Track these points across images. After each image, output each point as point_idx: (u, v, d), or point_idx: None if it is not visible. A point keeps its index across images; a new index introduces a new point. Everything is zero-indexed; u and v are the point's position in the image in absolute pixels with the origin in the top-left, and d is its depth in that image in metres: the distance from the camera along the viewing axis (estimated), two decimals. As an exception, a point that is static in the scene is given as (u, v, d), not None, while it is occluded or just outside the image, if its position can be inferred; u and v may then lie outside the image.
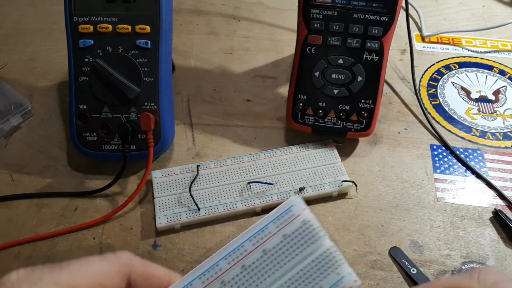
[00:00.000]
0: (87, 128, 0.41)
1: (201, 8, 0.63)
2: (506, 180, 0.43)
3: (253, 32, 0.59)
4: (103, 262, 0.22)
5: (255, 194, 0.40)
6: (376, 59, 0.42)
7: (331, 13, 0.41)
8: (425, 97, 0.51)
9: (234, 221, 0.40)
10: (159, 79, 0.41)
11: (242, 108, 0.50)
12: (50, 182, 0.43)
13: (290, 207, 0.23)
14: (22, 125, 0.48)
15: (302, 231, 0.22)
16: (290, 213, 0.23)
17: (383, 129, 0.48)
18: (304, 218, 0.22)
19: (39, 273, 0.21)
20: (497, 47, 0.58)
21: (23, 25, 0.60)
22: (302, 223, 0.22)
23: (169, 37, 0.43)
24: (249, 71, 0.54)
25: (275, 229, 0.22)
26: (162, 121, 0.41)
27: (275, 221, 0.23)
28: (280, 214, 0.23)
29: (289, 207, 0.23)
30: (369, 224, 0.40)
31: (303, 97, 0.44)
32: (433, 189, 0.43)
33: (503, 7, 0.64)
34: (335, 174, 0.42)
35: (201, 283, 0.22)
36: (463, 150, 0.46)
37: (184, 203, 0.40)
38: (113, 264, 0.22)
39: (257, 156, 0.43)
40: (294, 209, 0.23)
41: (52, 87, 0.52)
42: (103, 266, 0.22)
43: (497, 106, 0.51)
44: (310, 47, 0.43)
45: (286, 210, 0.23)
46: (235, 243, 0.23)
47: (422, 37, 0.59)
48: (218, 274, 0.22)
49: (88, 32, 0.41)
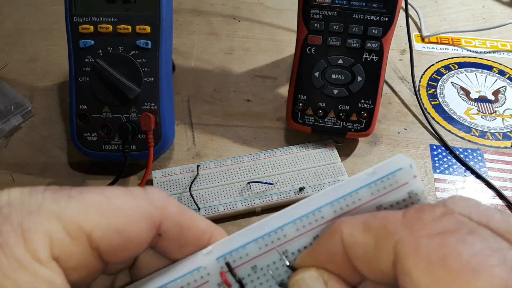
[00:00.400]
0: (87, 128, 0.41)
1: (201, 8, 0.63)
2: (506, 180, 0.43)
3: (253, 33, 0.59)
4: (127, 197, 0.17)
5: (255, 194, 0.40)
6: (375, 59, 0.42)
7: (331, 14, 0.41)
8: (424, 97, 0.52)
9: (234, 221, 0.40)
10: (159, 79, 0.41)
11: (242, 108, 0.50)
12: (50, 182, 0.43)
13: (395, 171, 0.17)
14: (22, 125, 0.48)
15: (404, 206, 0.16)
16: (394, 178, 0.17)
17: (383, 129, 0.48)
18: (412, 189, 0.16)
19: (39, 198, 0.15)
20: (497, 47, 0.58)
21: (23, 25, 0.60)
22: (408, 195, 0.16)
23: (169, 37, 0.43)
24: (249, 71, 0.54)
25: (368, 196, 0.17)
26: (163, 121, 0.41)
27: (371, 185, 0.17)
28: (380, 177, 0.17)
29: (394, 170, 0.17)
30: (368, 224, 0.40)
31: (303, 97, 0.44)
32: (433, 189, 0.43)
33: (502, 7, 0.64)
34: (335, 174, 0.42)
35: (257, 248, 0.17)
36: (462, 150, 0.46)
37: (184, 203, 0.40)
38: (140, 203, 0.17)
39: (257, 156, 0.43)
40: (400, 174, 0.17)
41: (53, 87, 0.52)
42: (127, 204, 0.16)
43: (496, 106, 0.51)
44: (310, 47, 0.43)
45: (390, 173, 0.17)
46: (309, 205, 0.17)
47: (422, 37, 0.59)
48: (281, 241, 0.17)
49: (89, 32, 0.41)
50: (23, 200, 0.15)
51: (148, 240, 0.17)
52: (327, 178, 0.41)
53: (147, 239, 0.17)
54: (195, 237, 0.18)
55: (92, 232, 0.15)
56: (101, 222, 0.16)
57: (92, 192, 0.16)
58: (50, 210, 0.15)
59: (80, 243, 0.15)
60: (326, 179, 0.41)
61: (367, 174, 0.17)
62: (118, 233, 0.16)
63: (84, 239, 0.15)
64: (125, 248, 0.16)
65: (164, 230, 0.17)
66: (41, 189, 0.16)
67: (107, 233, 0.16)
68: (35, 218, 0.15)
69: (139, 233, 0.16)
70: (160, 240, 0.17)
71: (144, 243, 0.17)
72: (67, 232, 0.15)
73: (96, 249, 0.16)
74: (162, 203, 0.17)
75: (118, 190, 0.17)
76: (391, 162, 0.17)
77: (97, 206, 0.16)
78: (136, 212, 0.16)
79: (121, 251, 0.16)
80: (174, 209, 0.17)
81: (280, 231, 0.17)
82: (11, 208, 0.15)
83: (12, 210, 0.15)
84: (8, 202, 0.15)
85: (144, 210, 0.17)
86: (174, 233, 0.17)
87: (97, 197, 0.16)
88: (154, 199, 0.17)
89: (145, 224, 0.16)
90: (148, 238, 0.17)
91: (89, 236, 0.15)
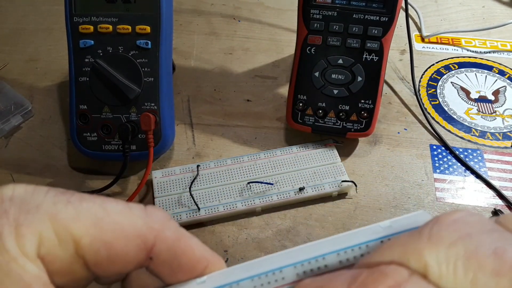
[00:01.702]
0: (87, 128, 0.41)
1: (201, 8, 0.63)
2: (506, 180, 0.43)
3: (253, 32, 0.59)
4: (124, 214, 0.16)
5: (255, 194, 0.40)
6: (375, 59, 0.42)
7: (331, 14, 0.41)
8: (424, 97, 0.52)
9: (234, 221, 0.40)
10: (160, 79, 0.41)
11: (242, 108, 0.50)
12: (50, 182, 0.43)
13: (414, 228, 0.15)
14: (22, 125, 0.48)
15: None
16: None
17: (383, 129, 0.48)
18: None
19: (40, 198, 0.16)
20: (497, 47, 0.58)
21: (23, 25, 0.60)
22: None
23: (169, 37, 0.43)
24: (249, 71, 0.54)
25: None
26: (163, 121, 0.41)
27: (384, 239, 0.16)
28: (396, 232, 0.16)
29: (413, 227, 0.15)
30: (369, 224, 0.40)
31: (303, 97, 0.44)
32: (433, 189, 0.43)
33: (502, 7, 0.64)
34: (335, 174, 0.42)
35: (252, 286, 0.16)
36: (462, 150, 0.46)
37: (184, 203, 0.40)
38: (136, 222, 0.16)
39: (257, 156, 0.43)
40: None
41: (53, 87, 0.52)
42: (122, 220, 0.16)
43: (496, 106, 0.51)
44: (310, 47, 0.43)
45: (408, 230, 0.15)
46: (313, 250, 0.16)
47: (422, 37, 0.59)
48: (279, 283, 0.16)
49: (89, 32, 0.41)
50: (25, 197, 0.16)
51: (138, 260, 0.17)
52: (327, 178, 0.41)
53: (136, 258, 0.16)
54: (189, 264, 0.17)
55: (80, 239, 0.16)
56: (91, 231, 0.16)
57: (91, 201, 0.16)
58: (46, 211, 0.15)
59: (66, 248, 0.15)
60: (326, 179, 0.41)
61: (382, 227, 0.16)
62: (105, 246, 0.16)
63: (71, 245, 0.16)
64: (111, 262, 0.16)
65: (156, 253, 0.17)
66: (44, 190, 0.16)
67: (94, 244, 0.16)
68: (31, 216, 0.15)
69: (127, 251, 0.16)
70: (151, 262, 0.17)
71: (132, 261, 0.17)
72: (57, 234, 0.15)
73: (82, 257, 0.16)
74: (159, 225, 0.17)
75: (118, 205, 0.17)
76: (410, 218, 0.16)
77: (91, 215, 0.16)
78: (129, 230, 0.16)
79: (107, 264, 0.16)
80: (170, 233, 0.17)
81: (279, 273, 0.16)
82: (11, 203, 0.15)
83: (12, 205, 0.15)
84: (11, 197, 0.16)
85: (138, 230, 0.16)
86: (167, 258, 0.17)
87: (95, 207, 0.16)
88: (152, 219, 0.17)
89: (135, 243, 0.16)
90: (137, 258, 0.16)
91: (77, 242, 0.16)
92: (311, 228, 0.40)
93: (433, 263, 0.12)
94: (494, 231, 0.13)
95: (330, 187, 0.41)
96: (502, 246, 0.12)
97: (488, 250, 0.12)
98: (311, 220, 0.40)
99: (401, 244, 0.13)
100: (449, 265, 0.12)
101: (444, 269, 0.12)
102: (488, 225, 0.13)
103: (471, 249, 0.12)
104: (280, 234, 0.39)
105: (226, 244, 0.38)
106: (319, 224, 0.40)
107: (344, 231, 0.39)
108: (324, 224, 0.40)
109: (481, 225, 0.13)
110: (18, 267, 0.14)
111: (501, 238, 0.12)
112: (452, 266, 0.12)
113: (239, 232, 0.39)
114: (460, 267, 0.12)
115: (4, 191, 0.16)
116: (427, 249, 0.12)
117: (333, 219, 0.40)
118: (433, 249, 0.12)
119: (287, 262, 0.16)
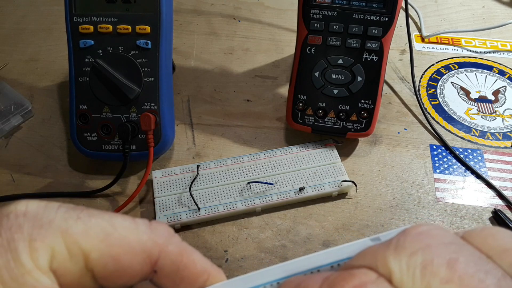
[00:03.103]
0: (87, 128, 0.41)
1: (201, 8, 0.63)
2: (506, 180, 0.43)
3: (253, 32, 0.60)
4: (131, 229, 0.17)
5: (255, 194, 0.40)
6: (375, 59, 0.42)
7: (331, 14, 0.41)
8: (424, 97, 0.52)
9: (234, 221, 0.40)
10: (160, 79, 0.41)
11: (242, 108, 0.50)
12: (50, 182, 0.43)
13: None
14: (22, 125, 0.48)
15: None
16: None
17: (383, 129, 0.48)
18: None
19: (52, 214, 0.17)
20: (497, 47, 0.58)
21: (23, 25, 0.60)
22: None
23: (169, 37, 0.43)
24: (249, 71, 0.54)
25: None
26: (162, 121, 0.41)
27: None
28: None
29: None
30: (369, 224, 0.40)
31: (303, 97, 0.44)
32: (433, 189, 0.43)
33: (502, 7, 0.64)
34: (335, 174, 0.42)
35: None
36: (462, 150, 0.46)
37: (184, 203, 0.40)
38: (142, 237, 0.17)
39: (257, 156, 0.43)
40: None
41: (53, 87, 0.52)
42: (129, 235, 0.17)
43: (496, 106, 0.51)
44: (310, 47, 0.43)
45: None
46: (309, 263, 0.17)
47: (422, 37, 0.59)
48: None
49: (89, 32, 0.41)
50: (38, 212, 0.17)
51: (143, 273, 0.18)
52: (327, 178, 0.42)
53: (141, 272, 0.17)
54: (191, 278, 0.18)
55: (90, 253, 0.16)
56: (100, 246, 0.17)
57: (100, 217, 0.17)
58: (58, 226, 0.16)
59: (77, 261, 0.16)
60: (326, 179, 0.41)
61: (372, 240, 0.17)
62: (113, 260, 0.17)
63: (81, 259, 0.16)
64: (118, 276, 0.17)
65: (160, 266, 0.18)
66: (55, 206, 0.17)
67: (103, 258, 0.17)
68: (44, 231, 0.16)
69: (133, 265, 0.17)
70: (155, 275, 0.18)
71: (137, 275, 0.17)
72: (68, 249, 0.16)
73: (91, 270, 0.17)
74: (163, 240, 0.18)
75: (125, 221, 0.18)
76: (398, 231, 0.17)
77: (100, 231, 0.17)
78: (135, 245, 0.17)
79: (114, 278, 0.17)
80: (173, 248, 0.18)
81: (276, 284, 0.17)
82: (25, 218, 0.16)
83: (26, 220, 0.16)
84: (24, 212, 0.16)
85: (143, 245, 0.17)
86: (170, 271, 0.18)
87: (103, 223, 0.17)
88: (156, 235, 0.18)
89: (141, 258, 0.17)
90: (143, 271, 0.17)
91: (86, 256, 0.16)
92: (311, 228, 0.40)
93: (396, 270, 0.14)
94: (453, 244, 0.14)
95: (330, 187, 0.41)
96: (455, 257, 0.13)
97: (442, 260, 0.13)
98: (311, 220, 0.40)
99: (372, 252, 0.15)
100: (409, 272, 0.13)
101: (405, 275, 0.13)
102: (448, 238, 0.14)
103: (428, 258, 0.13)
104: (280, 234, 0.39)
105: (226, 244, 0.38)
106: (319, 224, 0.40)
107: (344, 231, 0.40)
108: (324, 224, 0.40)
109: (442, 238, 0.14)
110: (32, 279, 0.15)
111: (457, 250, 0.13)
112: (412, 273, 0.13)
113: (239, 232, 0.39)
114: (417, 274, 0.13)
115: (18, 207, 0.17)
116: (392, 257, 0.14)
117: (333, 219, 0.40)
118: (397, 258, 0.14)
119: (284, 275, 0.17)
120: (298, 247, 0.38)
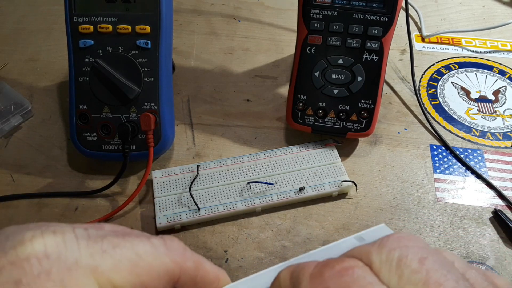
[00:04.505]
0: (87, 128, 0.41)
1: (201, 8, 0.63)
2: (506, 180, 0.43)
3: (253, 32, 0.59)
4: (153, 255, 0.18)
5: (255, 194, 0.40)
6: (376, 59, 0.42)
7: (331, 13, 0.41)
8: (425, 97, 0.52)
9: (234, 221, 0.40)
10: (159, 79, 0.41)
11: (242, 108, 0.50)
12: (50, 182, 0.43)
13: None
14: (22, 125, 0.48)
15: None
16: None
17: (383, 129, 0.48)
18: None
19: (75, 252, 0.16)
20: (497, 47, 0.58)
21: (23, 25, 0.60)
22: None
23: (169, 37, 0.43)
24: (249, 71, 0.54)
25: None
26: (162, 121, 0.41)
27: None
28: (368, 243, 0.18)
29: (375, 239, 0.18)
30: (369, 224, 0.40)
31: (303, 97, 0.44)
32: (433, 189, 0.43)
33: (503, 7, 0.64)
34: (335, 174, 0.42)
35: None
36: (463, 150, 0.46)
37: (184, 203, 0.40)
38: (163, 260, 0.18)
39: (257, 156, 0.43)
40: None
41: (52, 87, 0.52)
42: (153, 261, 0.18)
43: (496, 106, 0.51)
44: (310, 47, 0.43)
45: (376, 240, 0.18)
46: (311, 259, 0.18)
47: (422, 37, 0.59)
48: None
49: (88, 32, 0.41)
50: (60, 252, 0.16)
51: None
52: (327, 178, 0.41)
53: None
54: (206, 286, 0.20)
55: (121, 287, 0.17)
56: (129, 278, 0.17)
57: (123, 246, 0.18)
58: (86, 265, 0.16)
59: None
60: (326, 179, 0.41)
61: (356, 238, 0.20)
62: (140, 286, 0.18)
63: None
64: None
65: (181, 284, 0.19)
66: (74, 238, 0.17)
67: None
68: (74, 273, 0.16)
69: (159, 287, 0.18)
70: None
71: None
72: (101, 287, 0.17)
73: None
74: (180, 257, 0.19)
75: (145, 246, 0.18)
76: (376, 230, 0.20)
77: (127, 262, 0.17)
78: (160, 269, 0.18)
79: None
80: (190, 264, 0.19)
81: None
82: (50, 261, 0.16)
83: (52, 264, 0.16)
84: (45, 253, 0.16)
85: (166, 267, 0.18)
86: (189, 285, 0.19)
87: (128, 253, 0.18)
88: (174, 253, 0.19)
89: (165, 280, 0.18)
90: None
91: None
92: (311, 228, 0.40)
93: (377, 261, 0.16)
94: (425, 248, 0.16)
95: (330, 187, 0.41)
96: (426, 256, 0.16)
97: (415, 257, 0.16)
98: (311, 220, 0.40)
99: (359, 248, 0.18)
100: (387, 263, 0.16)
101: (383, 265, 0.16)
102: (422, 244, 0.17)
103: (404, 254, 0.16)
104: (280, 234, 0.39)
105: (226, 244, 0.38)
106: (319, 224, 0.40)
107: (344, 231, 0.40)
108: (324, 224, 0.40)
109: (417, 243, 0.17)
110: None
111: (428, 252, 0.16)
112: (389, 263, 0.16)
113: (239, 232, 0.39)
114: (393, 265, 0.16)
115: (36, 248, 0.16)
116: (375, 252, 0.17)
117: (333, 219, 0.40)
118: (378, 253, 0.17)
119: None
120: (298, 247, 0.38)
